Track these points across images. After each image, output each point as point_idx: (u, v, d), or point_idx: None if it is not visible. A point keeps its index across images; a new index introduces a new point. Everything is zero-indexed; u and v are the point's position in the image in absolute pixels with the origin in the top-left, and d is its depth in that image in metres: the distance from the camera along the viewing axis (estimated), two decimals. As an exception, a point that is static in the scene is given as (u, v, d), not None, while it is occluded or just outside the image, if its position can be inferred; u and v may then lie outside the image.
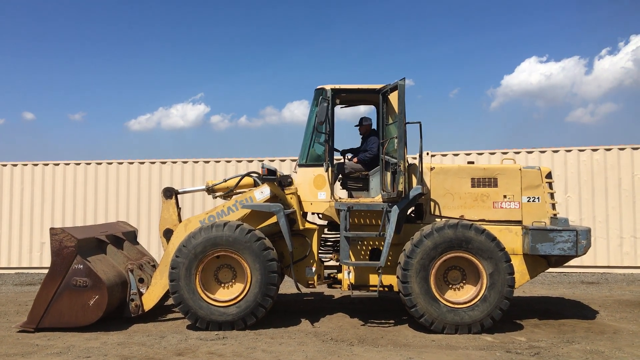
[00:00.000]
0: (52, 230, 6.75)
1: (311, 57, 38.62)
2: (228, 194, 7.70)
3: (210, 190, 7.79)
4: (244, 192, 7.49)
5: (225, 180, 7.84)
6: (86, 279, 6.62)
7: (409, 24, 36.93)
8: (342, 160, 8.00)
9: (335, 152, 7.47)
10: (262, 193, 7.23)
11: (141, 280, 7.25)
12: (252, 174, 7.73)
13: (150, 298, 7.19)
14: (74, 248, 6.66)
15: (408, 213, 7.27)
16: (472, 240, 6.42)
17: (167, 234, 7.55)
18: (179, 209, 7.82)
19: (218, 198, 7.97)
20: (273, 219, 7.07)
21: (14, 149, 35.81)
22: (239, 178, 7.69)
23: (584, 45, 33.50)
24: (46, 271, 6.87)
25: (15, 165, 13.06)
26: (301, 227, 7.30)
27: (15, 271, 12.70)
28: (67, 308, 6.66)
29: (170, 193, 7.77)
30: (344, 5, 37.21)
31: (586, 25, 32.90)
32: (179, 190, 7.96)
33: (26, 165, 13.05)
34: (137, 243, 8.52)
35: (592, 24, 32.75)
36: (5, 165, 13.07)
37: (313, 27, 38.31)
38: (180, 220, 7.69)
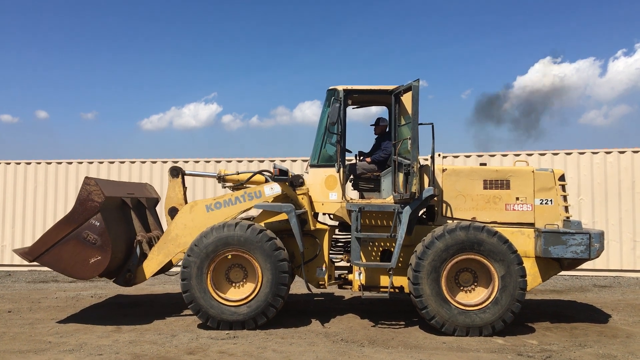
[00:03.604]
0: (87, 180, 6.77)
1: (323, 58, 38.74)
2: (237, 186, 7.75)
3: (222, 178, 7.86)
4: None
5: (238, 173, 7.91)
6: (97, 237, 6.65)
7: (422, 25, 36.88)
8: (353, 161, 8.00)
9: (347, 153, 7.47)
10: (272, 189, 7.27)
11: (145, 256, 7.29)
12: (264, 172, 7.77)
13: (143, 272, 7.24)
14: (99, 205, 6.68)
15: (419, 214, 7.27)
16: (484, 243, 6.39)
17: (172, 212, 7.60)
18: (184, 188, 7.88)
19: (227, 188, 8.03)
20: (282, 215, 7.11)
21: (27, 147, 36.28)
22: (251, 174, 7.75)
23: (599, 47, 33.26)
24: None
25: (28, 163, 13.17)
26: (312, 228, 7.31)
27: (29, 269, 12.80)
28: (68, 256, 6.69)
29: (177, 172, 7.82)
30: (356, 6, 37.21)
31: (603, 25, 32.64)
32: (187, 172, 8.01)
33: (39, 163, 13.15)
34: (156, 213, 8.61)
35: (609, 25, 32.48)
36: (19, 163, 13.18)
37: (325, 28, 38.41)
38: (185, 200, 7.77)
